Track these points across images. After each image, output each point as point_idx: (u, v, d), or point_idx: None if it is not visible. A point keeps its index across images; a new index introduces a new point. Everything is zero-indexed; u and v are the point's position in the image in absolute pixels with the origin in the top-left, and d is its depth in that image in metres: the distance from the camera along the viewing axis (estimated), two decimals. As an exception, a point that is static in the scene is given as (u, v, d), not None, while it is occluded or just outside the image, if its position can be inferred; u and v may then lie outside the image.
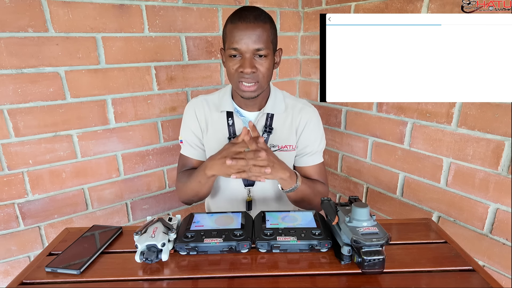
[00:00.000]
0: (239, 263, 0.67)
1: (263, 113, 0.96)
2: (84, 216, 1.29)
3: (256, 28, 0.81)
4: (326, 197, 0.77)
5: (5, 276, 1.20)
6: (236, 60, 0.85)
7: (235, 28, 0.82)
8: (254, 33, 0.81)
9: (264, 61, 0.84)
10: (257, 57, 0.84)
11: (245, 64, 0.83)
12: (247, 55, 0.83)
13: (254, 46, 0.82)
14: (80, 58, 1.15)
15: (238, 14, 0.83)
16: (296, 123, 0.98)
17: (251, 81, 0.85)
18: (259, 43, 0.82)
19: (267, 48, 0.83)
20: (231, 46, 0.83)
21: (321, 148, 1.01)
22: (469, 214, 1.12)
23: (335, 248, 0.69)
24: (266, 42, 0.83)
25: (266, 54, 0.84)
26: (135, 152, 1.35)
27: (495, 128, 1.01)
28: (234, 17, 0.83)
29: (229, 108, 0.95)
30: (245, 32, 0.81)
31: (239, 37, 0.81)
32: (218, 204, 1.07)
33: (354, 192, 1.56)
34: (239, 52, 0.83)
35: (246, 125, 0.96)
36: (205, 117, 0.98)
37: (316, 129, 0.99)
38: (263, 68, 0.85)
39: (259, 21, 0.82)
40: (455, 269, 0.65)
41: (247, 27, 0.81)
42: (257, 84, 0.86)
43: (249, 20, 0.81)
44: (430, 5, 1.11)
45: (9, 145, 1.10)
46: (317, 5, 1.55)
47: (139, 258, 0.64)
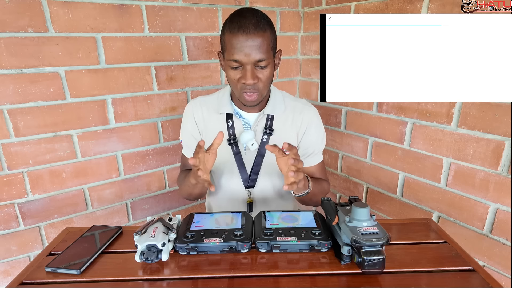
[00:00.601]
0: (239, 263, 0.67)
1: (263, 115, 0.95)
2: (84, 216, 1.29)
3: (256, 38, 0.78)
4: (326, 197, 0.77)
5: (5, 276, 1.20)
6: (237, 71, 0.83)
7: (235, 38, 0.79)
8: (254, 44, 0.78)
9: (265, 70, 0.83)
10: (258, 67, 0.82)
11: (247, 76, 0.81)
12: (248, 67, 0.81)
13: (256, 57, 0.80)
14: (80, 58, 1.15)
15: (237, 22, 0.79)
16: (297, 125, 0.97)
17: (253, 91, 0.84)
18: (260, 54, 0.80)
19: (268, 57, 0.82)
20: (232, 58, 0.81)
21: (322, 148, 1.02)
22: (469, 214, 1.12)
23: (335, 248, 0.69)
24: (266, 51, 0.81)
25: (267, 64, 0.82)
26: (135, 152, 1.35)
27: (495, 128, 1.01)
28: (233, 25, 0.79)
29: (229, 110, 0.95)
30: (245, 44, 0.78)
31: (239, 49, 0.79)
32: (219, 204, 1.07)
33: (354, 192, 1.56)
34: (239, 63, 0.81)
35: (246, 127, 0.95)
36: (203, 119, 0.98)
37: (318, 130, 0.99)
38: (264, 77, 0.84)
39: (259, 30, 0.79)
40: (455, 269, 0.65)
41: (247, 38, 0.78)
42: (258, 92, 0.85)
43: (249, 30, 0.78)
44: (430, 5, 1.11)
45: (9, 145, 1.10)
46: (317, 5, 1.55)
47: (139, 258, 0.64)
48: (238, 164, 0.97)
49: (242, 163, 0.97)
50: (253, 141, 0.94)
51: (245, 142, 0.94)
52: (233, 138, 0.95)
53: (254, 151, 0.96)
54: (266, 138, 0.95)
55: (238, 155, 0.96)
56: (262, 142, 0.95)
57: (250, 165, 0.98)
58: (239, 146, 0.96)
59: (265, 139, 0.95)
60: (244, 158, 0.97)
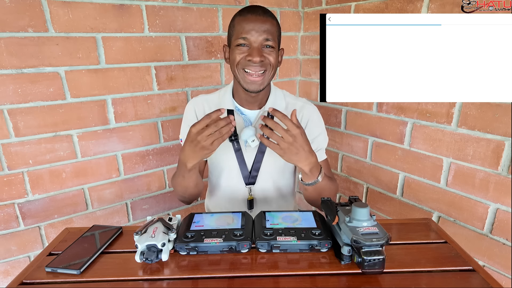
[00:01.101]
0: (239, 263, 0.67)
1: (264, 111, 0.95)
2: (84, 216, 1.29)
3: (265, 21, 0.83)
4: (326, 197, 0.77)
5: (5, 276, 1.20)
6: (243, 49, 0.85)
7: (245, 19, 0.83)
8: (263, 25, 0.83)
9: (272, 51, 0.85)
10: (265, 48, 0.85)
11: (254, 53, 0.83)
12: (256, 45, 0.84)
13: (264, 36, 0.83)
14: (80, 58, 1.15)
15: (247, 8, 0.86)
16: None
17: (259, 70, 0.85)
18: (268, 34, 0.83)
19: (275, 41, 0.85)
20: (240, 36, 0.84)
21: (324, 145, 1.01)
22: (469, 214, 1.12)
23: (335, 248, 0.69)
24: (274, 35, 0.85)
25: (274, 46, 0.85)
26: (135, 152, 1.35)
27: (495, 128, 1.01)
28: (243, 11, 0.85)
29: (230, 106, 0.95)
30: (255, 23, 0.82)
31: (248, 28, 0.82)
32: (218, 203, 1.06)
33: (354, 192, 1.56)
34: (247, 42, 0.84)
35: (247, 123, 0.96)
36: None
37: (318, 125, 0.99)
38: (271, 58, 0.86)
39: (268, 16, 0.85)
40: (455, 269, 0.65)
41: (256, 19, 0.83)
42: (265, 73, 0.86)
43: (259, 13, 0.83)
44: (430, 5, 1.11)
45: (9, 145, 1.10)
46: (317, 5, 1.55)
47: (139, 258, 0.64)
48: (238, 161, 0.97)
49: (242, 159, 0.97)
50: (253, 138, 0.93)
51: (246, 138, 0.94)
52: (234, 134, 0.95)
53: (255, 147, 0.96)
54: (266, 135, 0.94)
55: (239, 152, 0.96)
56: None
57: (251, 162, 0.98)
58: (240, 143, 0.96)
59: (266, 136, 0.94)
60: (245, 155, 0.97)
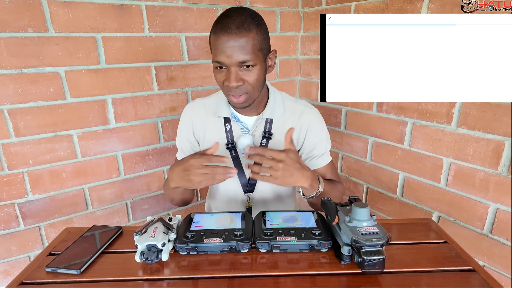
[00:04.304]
0: (239, 263, 0.67)
1: (261, 119, 0.92)
2: (84, 216, 1.29)
3: (238, 39, 0.74)
4: (326, 197, 0.77)
5: (5, 276, 1.20)
6: (222, 73, 0.80)
7: (217, 39, 0.76)
8: (236, 44, 0.75)
9: (251, 71, 0.79)
10: (244, 69, 0.78)
11: (230, 78, 0.78)
12: (232, 69, 0.78)
13: (238, 58, 0.76)
14: (80, 58, 1.15)
15: (221, 23, 0.76)
16: (297, 129, 0.94)
17: (239, 93, 0.81)
18: (244, 55, 0.76)
19: (254, 58, 0.77)
20: (215, 59, 0.78)
21: (328, 148, 0.99)
22: (469, 214, 1.12)
23: (335, 248, 0.69)
24: (251, 52, 0.76)
25: (253, 64, 0.78)
26: (135, 152, 1.35)
27: (495, 128, 1.01)
28: (217, 26, 0.77)
29: (226, 114, 0.93)
30: (227, 45, 0.75)
31: (221, 50, 0.76)
32: (218, 206, 1.06)
33: (354, 192, 1.56)
34: (223, 65, 0.78)
35: (244, 131, 0.93)
36: (202, 122, 0.96)
37: (320, 130, 0.97)
38: (251, 79, 0.79)
39: (242, 30, 0.75)
40: (455, 269, 0.65)
41: (228, 39, 0.74)
42: (246, 95, 0.82)
43: (231, 30, 0.74)
44: (430, 5, 1.11)
45: (9, 145, 1.10)
46: (317, 5, 1.55)
47: (139, 258, 0.64)
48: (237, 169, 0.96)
49: (241, 167, 0.95)
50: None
51: (243, 147, 0.92)
52: (231, 142, 0.93)
53: None
54: (265, 143, 0.93)
55: (237, 160, 0.95)
56: (261, 147, 0.92)
57: (249, 170, 0.97)
58: (237, 151, 0.94)
59: (264, 144, 0.93)
60: (243, 163, 0.95)
